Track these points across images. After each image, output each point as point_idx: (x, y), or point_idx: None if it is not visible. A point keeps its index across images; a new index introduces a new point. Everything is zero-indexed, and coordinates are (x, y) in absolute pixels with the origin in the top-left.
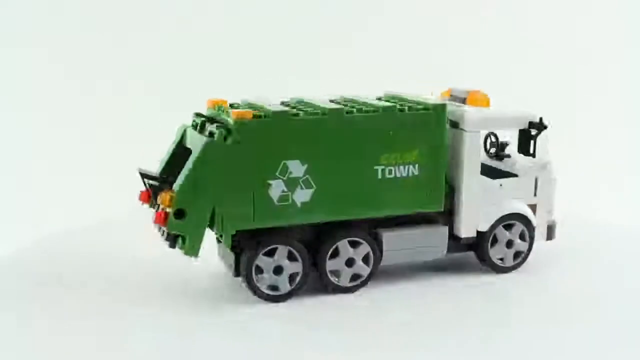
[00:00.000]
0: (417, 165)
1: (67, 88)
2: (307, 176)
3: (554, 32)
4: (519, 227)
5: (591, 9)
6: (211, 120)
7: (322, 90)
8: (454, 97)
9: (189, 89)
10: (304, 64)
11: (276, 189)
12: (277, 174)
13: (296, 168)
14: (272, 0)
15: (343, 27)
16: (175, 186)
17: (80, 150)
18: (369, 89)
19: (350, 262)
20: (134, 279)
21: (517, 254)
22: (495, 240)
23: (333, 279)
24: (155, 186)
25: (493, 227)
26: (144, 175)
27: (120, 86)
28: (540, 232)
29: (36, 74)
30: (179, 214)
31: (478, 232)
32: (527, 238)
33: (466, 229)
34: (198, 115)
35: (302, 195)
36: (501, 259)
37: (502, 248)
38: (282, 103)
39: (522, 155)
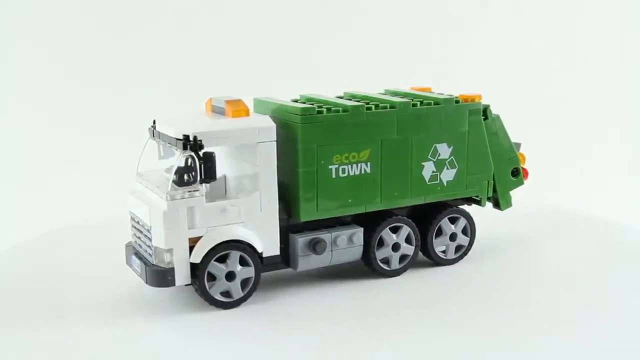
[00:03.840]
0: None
1: (66, 88)
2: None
3: (553, 31)
4: None
5: (590, 9)
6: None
7: (320, 89)
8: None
9: (188, 88)
10: (294, 63)
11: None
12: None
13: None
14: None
15: (339, 26)
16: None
17: (80, 150)
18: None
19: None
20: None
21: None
22: None
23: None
24: None
25: None
26: None
27: (120, 86)
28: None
29: (36, 73)
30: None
31: None
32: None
33: None
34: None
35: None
36: None
37: None
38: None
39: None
